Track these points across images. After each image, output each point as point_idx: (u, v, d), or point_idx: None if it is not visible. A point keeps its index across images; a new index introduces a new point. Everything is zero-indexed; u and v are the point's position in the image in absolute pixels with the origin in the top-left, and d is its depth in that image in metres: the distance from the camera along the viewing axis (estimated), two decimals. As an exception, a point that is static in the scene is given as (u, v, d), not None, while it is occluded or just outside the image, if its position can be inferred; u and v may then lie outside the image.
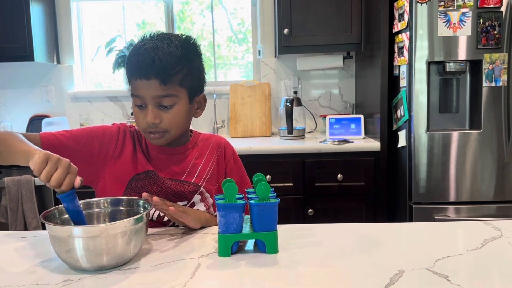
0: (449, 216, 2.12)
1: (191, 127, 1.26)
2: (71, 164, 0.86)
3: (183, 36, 1.10)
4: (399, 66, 2.23)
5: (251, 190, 0.99)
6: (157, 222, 1.15)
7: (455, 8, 2.04)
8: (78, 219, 0.89)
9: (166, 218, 1.15)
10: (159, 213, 1.14)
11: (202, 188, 1.17)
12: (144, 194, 0.97)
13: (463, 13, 2.04)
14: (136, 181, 1.13)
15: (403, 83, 2.20)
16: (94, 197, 1.04)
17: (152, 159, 1.16)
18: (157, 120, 1.07)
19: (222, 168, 1.24)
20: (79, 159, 1.11)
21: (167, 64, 1.03)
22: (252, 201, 0.90)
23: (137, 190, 1.12)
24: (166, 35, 1.08)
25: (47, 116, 2.90)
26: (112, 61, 2.87)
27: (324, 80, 2.96)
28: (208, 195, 1.18)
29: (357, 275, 0.80)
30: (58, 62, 3.00)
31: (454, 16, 2.04)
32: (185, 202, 1.15)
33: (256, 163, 2.32)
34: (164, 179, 1.14)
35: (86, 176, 1.14)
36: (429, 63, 2.08)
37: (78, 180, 0.86)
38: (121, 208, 1.00)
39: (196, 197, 1.17)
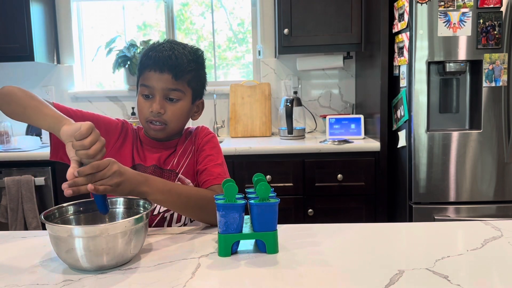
0: (449, 216, 2.12)
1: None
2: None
3: (194, 47, 1.22)
4: (399, 66, 2.23)
5: (251, 190, 0.99)
6: (158, 218, 1.17)
7: (455, 8, 2.04)
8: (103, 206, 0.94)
9: (161, 209, 1.17)
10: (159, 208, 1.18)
11: (180, 175, 1.20)
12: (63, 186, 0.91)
13: (463, 13, 2.04)
14: None
15: (403, 83, 2.20)
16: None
17: (146, 155, 1.22)
18: (162, 110, 1.15)
19: (196, 148, 1.25)
20: None
21: (182, 62, 1.15)
22: (252, 201, 0.90)
23: None
24: (179, 42, 1.21)
25: (47, 116, 2.89)
26: (112, 61, 2.87)
27: (324, 80, 2.96)
28: (189, 180, 1.21)
29: (357, 275, 0.80)
30: (58, 62, 3.00)
31: (454, 16, 2.04)
32: None
33: (256, 163, 2.32)
34: (148, 170, 1.19)
35: None
36: (429, 63, 2.08)
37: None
38: (121, 208, 1.00)
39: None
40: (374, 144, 2.34)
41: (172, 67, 1.13)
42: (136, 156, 1.22)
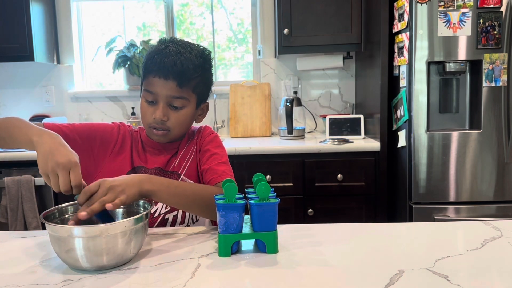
0: (449, 216, 2.12)
1: None
2: (70, 159, 0.89)
3: (201, 47, 1.17)
4: (399, 66, 2.23)
5: (251, 190, 0.99)
6: (159, 220, 1.17)
7: (455, 8, 2.04)
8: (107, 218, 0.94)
9: (163, 209, 1.17)
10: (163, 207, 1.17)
11: (182, 176, 1.19)
12: (80, 215, 0.89)
13: (463, 13, 2.04)
14: None
15: (403, 83, 2.20)
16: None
17: (147, 157, 1.21)
18: (165, 118, 1.13)
19: (198, 149, 1.24)
20: (80, 151, 1.14)
21: (187, 69, 1.10)
22: (252, 201, 0.90)
23: None
24: (186, 42, 1.16)
25: (47, 116, 2.90)
26: (112, 61, 2.87)
27: (324, 80, 2.96)
28: (191, 181, 1.19)
29: (357, 275, 0.80)
30: (58, 62, 3.00)
31: (454, 16, 2.04)
32: None
33: (256, 163, 2.32)
34: (150, 172, 1.18)
35: (84, 168, 1.16)
36: (429, 63, 2.08)
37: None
38: (121, 208, 1.00)
39: None
40: (374, 144, 2.34)
41: (177, 74, 1.09)
42: (136, 158, 1.20)
